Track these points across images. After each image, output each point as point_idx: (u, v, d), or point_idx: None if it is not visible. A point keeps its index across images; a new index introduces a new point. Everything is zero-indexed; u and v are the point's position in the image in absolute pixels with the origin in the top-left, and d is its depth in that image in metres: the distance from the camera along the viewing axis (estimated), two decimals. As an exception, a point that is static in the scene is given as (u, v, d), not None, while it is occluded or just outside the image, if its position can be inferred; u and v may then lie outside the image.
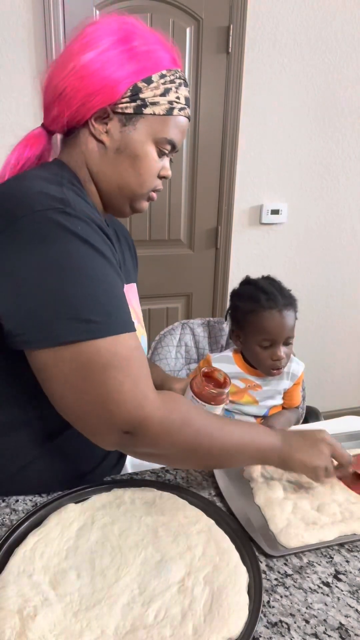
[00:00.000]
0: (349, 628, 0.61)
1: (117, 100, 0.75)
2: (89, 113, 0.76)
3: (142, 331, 0.97)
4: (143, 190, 0.81)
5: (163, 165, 0.82)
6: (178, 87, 0.78)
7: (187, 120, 0.82)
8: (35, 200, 0.66)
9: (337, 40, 2.13)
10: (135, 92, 0.75)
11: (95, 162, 0.79)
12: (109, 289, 0.68)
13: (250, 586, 0.65)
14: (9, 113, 1.80)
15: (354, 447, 1.02)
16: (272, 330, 1.15)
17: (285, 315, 1.16)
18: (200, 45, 1.95)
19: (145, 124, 0.77)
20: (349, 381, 2.76)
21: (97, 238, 0.69)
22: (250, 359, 1.23)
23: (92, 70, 0.73)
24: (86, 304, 0.65)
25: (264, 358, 1.18)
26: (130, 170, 0.79)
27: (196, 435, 0.72)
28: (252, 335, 1.18)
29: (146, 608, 0.61)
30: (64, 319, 0.64)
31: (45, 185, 0.69)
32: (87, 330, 0.64)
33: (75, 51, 0.74)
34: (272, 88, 2.10)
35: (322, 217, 2.39)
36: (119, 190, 0.81)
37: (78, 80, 0.73)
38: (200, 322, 1.54)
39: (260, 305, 1.16)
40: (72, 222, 0.66)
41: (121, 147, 0.78)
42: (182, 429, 0.71)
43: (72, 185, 0.74)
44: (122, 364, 0.66)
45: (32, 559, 0.67)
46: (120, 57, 0.73)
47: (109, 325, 0.66)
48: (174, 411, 0.71)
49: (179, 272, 2.23)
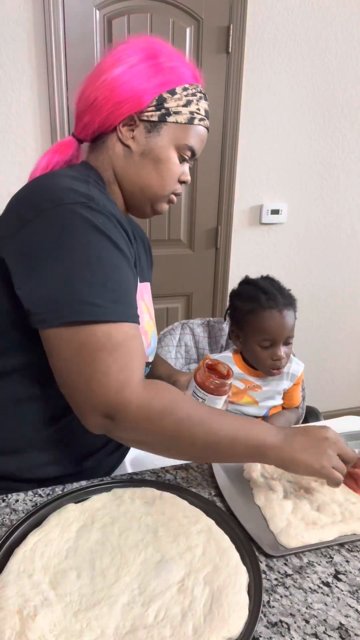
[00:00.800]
0: (349, 628, 0.61)
1: (143, 108, 0.82)
2: (117, 120, 0.83)
3: (154, 327, 1.01)
4: (165, 192, 0.88)
5: (183, 170, 0.89)
6: (199, 100, 0.86)
7: (206, 130, 0.89)
8: (63, 194, 0.72)
9: (337, 40, 2.13)
10: (160, 101, 0.82)
11: (121, 164, 0.86)
12: (119, 279, 0.73)
13: (250, 586, 0.65)
14: (8, 113, 1.80)
15: (353, 447, 1.02)
16: (272, 330, 1.15)
17: (285, 315, 1.16)
18: (200, 45, 1.95)
19: (168, 131, 0.84)
20: (349, 381, 2.76)
21: (116, 232, 0.76)
22: (250, 359, 1.23)
23: (122, 82, 0.81)
24: (95, 289, 0.70)
25: (264, 358, 1.18)
26: (153, 173, 0.86)
27: (178, 424, 0.72)
28: (252, 335, 1.18)
29: (146, 608, 0.61)
30: (73, 301, 0.69)
31: (73, 183, 0.76)
32: (90, 312, 0.69)
33: (107, 66, 0.82)
34: (272, 88, 2.10)
35: (322, 217, 2.39)
36: (141, 192, 0.88)
37: (109, 90, 0.81)
38: (200, 322, 1.54)
39: (260, 305, 1.16)
40: (95, 216, 0.72)
41: (146, 151, 0.85)
42: (163, 416, 0.71)
43: (97, 184, 0.81)
44: (114, 348, 0.70)
45: (32, 559, 0.67)
46: (148, 71, 0.81)
47: (111, 310, 0.71)
48: (155, 398, 0.71)
49: (179, 272, 2.23)
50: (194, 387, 0.91)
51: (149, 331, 0.97)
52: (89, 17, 1.79)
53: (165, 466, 0.92)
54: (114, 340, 0.71)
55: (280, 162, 2.23)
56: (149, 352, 0.99)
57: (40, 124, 1.82)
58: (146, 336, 0.95)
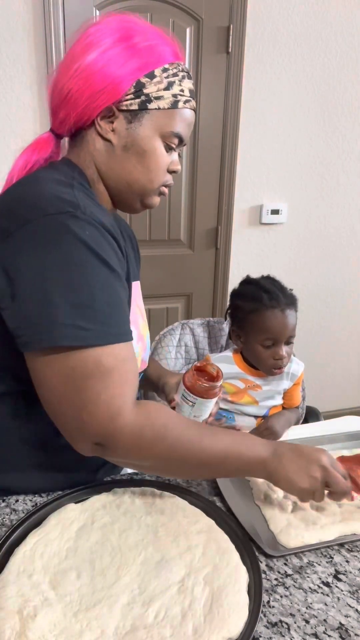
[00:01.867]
0: (349, 628, 0.61)
1: (121, 97, 0.75)
2: (94, 113, 0.76)
3: (146, 329, 0.98)
4: (153, 185, 0.82)
5: (172, 159, 0.82)
6: (181, 79, 0.78)
7: (193, 112, 0.81)
8: (47, 204, 0.67)
9: (337, 40, 2.13)
10: (138, 88, 0.75)
11: (104, 160, 0.80)
12: (107, 298, 0.68)
13: (250, 586, 0.65)
14: (9, 113, 1.80)
15: (353, 447, 1.02)
16: (275, 329, 1.15)
17: (287, 314, 1.16)
18: (200, 45, 1.95)
19: (150, 119, 0.77)
20: (349, 381, 2.76)
21: (104, 244, 0.70)
22: (251, 358, 1.23)
23: (95, 70, 0.73)
24: (81, 311, 0.65)
25: (265, 358, 1.18)
26: (138, 167, 0.79)
27: (170, 450, 0.71)
28: (254, 335, 1.18)
29: (146, 608, 0.61)
30: (58, 323, 0.64)
31: (57, 188, 0.70)
32: (77, 337, 0.65)
33: (78, 53, 0.75)
34: (272, 88, 2.10)
35: (322, 217, 2.39)
36: (128, 187, 0.81)
37: (82, 80, 0.74)
38: (200, 322, 1.54)
39: (263, 305, 1.16)
40: (81, 227, 0.67)
41: (128, 144, 0.78)
42: (155, 443, 0.70)
43: (82, 187, 0.75)
44: (104, 375, 0.67)
45: (32, 559, 0.67)
46: (122, 55, 0.74)
47: (100, 333, 0.66)
48: (146, 426, 0.69)
49: (179, 272, 2.23)
50: (183, 391, 0.90)
51: (144, 334, 0.95)
52: (88, 17, 1.79)
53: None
54: (104, 366, 0.67)
55: (280, 162, 2.22)
56: (146, 355, 0.96)
57: (41, 124, 1.81)
58: (142, 340, 0.92)
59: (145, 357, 0.96)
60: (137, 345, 0.87)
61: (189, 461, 0.72)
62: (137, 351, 0.88)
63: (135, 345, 0.86)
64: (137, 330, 0.88)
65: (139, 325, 0.90)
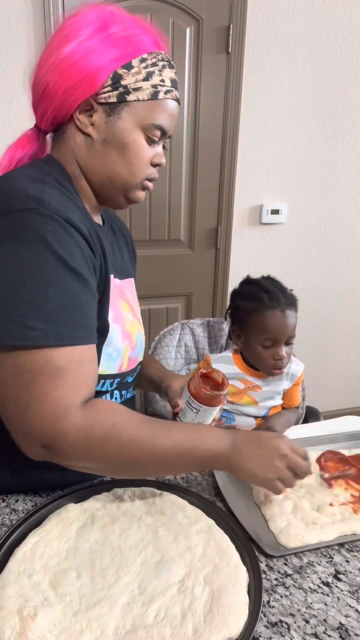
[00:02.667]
0: (349, 628, 0.61)
1: (98, 90, 0.73)
2: (72, 106, 0.74)
3: (139, 327, 0.96)
4: (136, 179, 0.80)
5: (155, 152, 0.80)
6: (162, 69, 0.75)
7: (176, 103, 0.79)
8: (12, 201, 0.66)
9: (337, 40, 2.13)
10: (116, 79, 0.73)
11: (84, 156, 0.78)
12: (62, 298, 0.66)
13: (250, 586, 0.65)
14: (8, 112, 1.80)
15: (353, 447, 1.02)
16: (275, 329, 1.15)
17: (287, 314, 1.16)
18: (200, 45, 1.95)
19: (130, 112, 0.75)
20: (349, 381, 2.76)
21: (66, 242, 0.68)
22: (251, 358, 1.23)
23: (72, 62, 0.72)
24: (32, 310, 0.64)
25: (265, 358, 1.18)
26: (119, 161, 0.77)
27: (121, 450, 0.68)
28: (254, 335, 1.18)
29: (146, 608, 0.61)
30: (7, 322, 0.64)
31: (28, 185, 0.69)
32: (26, 336, 0.63)
33: (55, 46, 0.73)
34: (272, 88, 2.10)
35: (322, 217, 2.39)
36: (110, 182, 0.80)
37: (59, 74, 0.72)
38: (200, 322, 1.54)
39: (263, 305, 1.16)
40: (43, 223, 0.65)
41: (108, 138, 0.76)
42: (104, 444, 0.67)
43: (58, 184, 0.73)
44: (54, 375, 0.65)
45: (32, 559, 0.67)
46: (99, 46, 0.72)
47: (49, 334, 0.64)
48: (94, 426, 0.66)
49: (179, 272, 2.23)
50: (188, 397, 0.89)
51: (132, 332, 0.92)
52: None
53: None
54: (54, 366, 0.65)
55: (280, 162, 2.22)
56: (135, 354, 0.93)
57: (40, 124, 1.82)
58: (130, 338, 0.90)
59: (134, 355, 0.93)
60: (121, 344, 0.86)
61: (142, 461, 0.70)
62: (122, 350, 0.86)
63: (119, 344, 0.85)
64: (122, 328, 0.86)
65: (124, 322, 0.88)
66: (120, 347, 0.85)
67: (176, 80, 0.79)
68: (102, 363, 0.81)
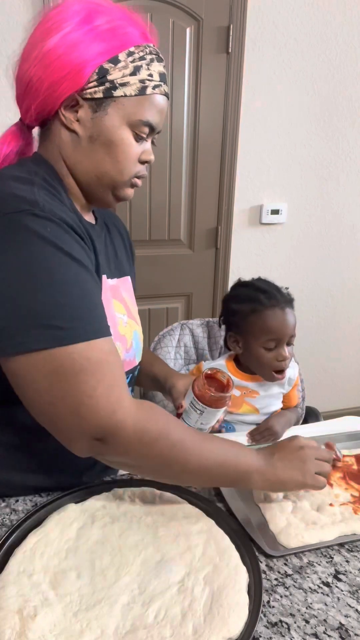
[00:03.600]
0: (349, 628, 0.61)
1: (83, 85, 0.70)
2: (57, 102, 0.72)
3: (135, 326, 0.94)
4: (123, 177, 0.77)
5: (143, 149, 0.78)
6: (150, 63, 0.73)
7: (165, 97, 0.77)
8: (4, 203, 0.64)
9: (337, 40, 2.13)
10: (102, 74, 0.70)
11: (70, 153, 0.76)
12: (79, 292, 0.65)
13: (250, 586, 0.65)
14: (8, 112, 1.80)
15: (353, 447, 1.02)
16: (277, 329, 1.12)
17: (287, 312, 1.13)
18: (200, 45, 1.95)
19: (117, 108, 0.72)
20: (349, 381, 2.76)
21: (67, 239, 0.67)
22: (252, 364, 1.19)
23: (56, 57, 0.69)
24: (54, 310, 0.63)
25: (268, 361, 1.14)
26: (106, 159, 0.75)
27: (172, 449, 0.68)
28: (255, 338, 1.14)
29: (146, 608, 0.61)
30: (33, 326, 0.62)
31: (16, 186, 0.67)
32: (55, 337, 0.62)
33: (38, 39, 0.71)
34: (272, 88, 2.10)
35: (322, 217, 2.39)
36: (98, 181, 0.78)
37: (42, 68, 0.70)
38: (199, 322, 1.54)
39: (261, 305, 1.13)
40: (41, 224, 0.64)
41: (94, 134, 0.74)
42: (158, 440, 0.67)
43: (46, 183, 0.72)
44: (95, 368, 0.64)
45: (32, 559, 0.67)
46: (84, 39, 0.69)
47: (79, 330, 0.64)
48: (150, 421, 0.67)
49: (179, 272, 2.23)
50: (192, 399, 0.88)
51: (126, 334, 0.90)
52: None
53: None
54: (92, 359, 0.64)
55: (280, 162, 2.22)
56: (130, 356, 0.92)
57: (40, 124, 1.82)
58: (123, 341, 0.88)
59: (129, 357, 0.91)
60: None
61: (190, 463, 0.70)
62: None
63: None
64: (114, 330, 0.84)
65: (116, 324, 0.86)
66: None
67: (165, 74, 0.76)
68: None
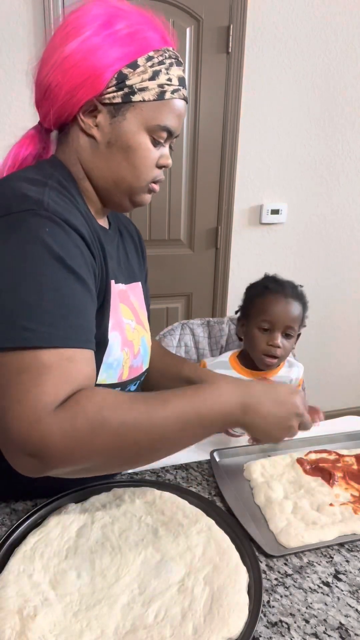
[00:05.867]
0: (349, 628, 0.61)
1: (102, 90, 0.71)
2: (75, 107, 0.72)
3: (143, 332, 0.93)
4: (141, 183, 0.78)
5: (161, 154, 0.78)
6: (169, 67, 0.73)
7: (184, 102, 0.77)
8: (11, 203, 0.65)
9: (337, 40, 2.13)
10: (120, 79, 0.71)
11: (88, 158, 0.76)
12: (58, 297, 0.62)
13: (250, 586, 0.65)
14: (8, 113, 1.80)
15: (353, 447, 1.02)
16: (273, 312, 1.16)
17: (289, 301, 1.17)
18: (200, 45, 1.95)
19: (135, 113, 0.73)
20: (349, 381, 2.76)
21: (66, 242, 0.65)
22: (248, 345, 1.22)
23: (75, 62, 0.69)
24: (27, 310, 0.60)
25: (260, 342, 1.17)
26: (124, 164, 0.75)
27: (115, 436, 0.60)
28: (254, 318, 1.19)
29: (146, 608, 0.61)
30: (3, 324, 0.60)
31: (27, 187, 0.67)
32: (17, 337, 0.59)
33: (58, 43, 0.71)
34: (272, 88, 2.10)
35: (322, 217, 2.39)
36: (115, 186, 0.78)
37: (61, 74, 0.70)
38: (200, 322, 1.54)
39: (268, 289, 1.19)
40: (41, 224, 0.64)
41: (112, 140, 0.74)
42: (94, 434, 0.59)
43: (60, 186, 0.72)
44: (39, 371, 0.58)
45: (32, 559, 0.67)
46: (103, 44, 0.69)
47: (44, 334, 0.60)
48: (77, 417, 0.58)
49: (179, 272, 2.23)
50: None
51: (134, 340, 0.87)
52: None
53: (165, 466, 0.92)
54: (41, 362, 0.59)
55: (280, 162, 2.23)
56: (137, 362, 0.89)
57: (40, 124, 1.81)
58: (131, 347, 0.85)
59: (136, 363, 0.88)
60: (120, 353, 0.82)
61: (143, 443, 0.62)
62: (122, 359, 0.82)
63: (118, 353, 0.81)
64: (122, 336, 0.82)
65: (124, 330, 0.84)
66: (120, 356, 0.82)
67: (184, 78, 0.76)
68: (102, 372, 0.78)
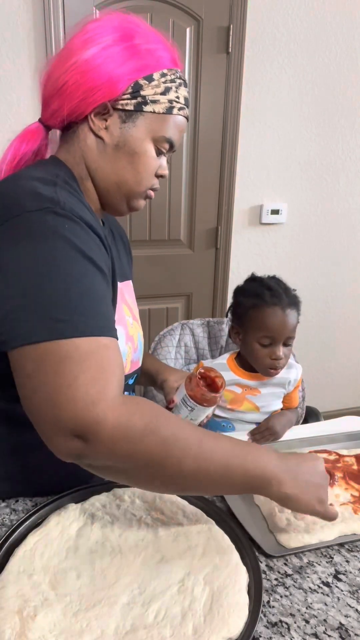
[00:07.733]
0: (349, 628, 0.61)
1: (118, 96, 0.75)
2: (89, 108, 0.76)
3: (138, 328, 0.96)
4: (141, 188, 0.82)
5: (160, 164, 0.82)
6: (178, 87, 0.79)
7: (186, 120, 0.82)
8: (26, 201, 0.66)
9: (337, 40, 2.13)
10: (136, 89, 0.75)
11: (94, 158, 0.79)
12: (85, 290, 0.65)
13: (250, 586, 0.65)
14: (8, 113, 1.80)
15: (353, 447, 1.02)
16: (273, 327, 1.14)
17: (288, 313, 1.14)
18: (200, 45, 1.95)
19: (144, 122, 0.77)
20: (349, 381, 2.76)
21: (84, 238, 0.68)
22: (249, 356, 1.21)
23: (94, 66, 0.73)
24: (59, 304, 0.62)
25: (262, 357, 1.16)
26: (128, 168, 0.79)
27: (162, 445, 0.60)
28: (253, 332, 1.16)
29: (146, 608, 0.61)
30: (37, 319, 0.62)
31: (39, 186, 0.69)
32: (55, 329, 0.61)
33: (77, 47, 0.75)
34: (272, 88, 2.10)
35: (322, 217, 2.39)
36: (117, 188, 0.81)
37: (80, 74, 0.74)
38: (199, 322, 1.54)
39: (264, 301, 1.14)
40: (60, 222, 0.66)
41: (120, 143, 0.78)
42: (145, 436, 0.59)
43: (67, 185, 0.74)
44: (82, 357, 0.60)
45: (32, 559, 0.67)
46: (123, 54, 0.74)
47: (79, 324, 0.62)
48: (135, 414, 0.59)
49: (179, 272, 2.23)
50: (184, 395, 0.89)
51: (134, 335, 0.92)
52: (88, 17, 1.79)
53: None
54: (82, 349, 0.61)
55: (280, 162, 2.23)
56: (137, 356, 0.94)
57: (40, 124, 1.82)
58: (132, 341, 0.89)
59: (136, 357, 0.93)
60: (125, 346, 0.86)
61: (185, 463, 0.61)
62: (126, 352, 0.86)
63: (123, 347, 0.84)
64: (125, 331, 0.86)
65: (126, 325, 0.88)
66: (124, 350, 0.85)
67: (189, 99, 0.82)
68: None
